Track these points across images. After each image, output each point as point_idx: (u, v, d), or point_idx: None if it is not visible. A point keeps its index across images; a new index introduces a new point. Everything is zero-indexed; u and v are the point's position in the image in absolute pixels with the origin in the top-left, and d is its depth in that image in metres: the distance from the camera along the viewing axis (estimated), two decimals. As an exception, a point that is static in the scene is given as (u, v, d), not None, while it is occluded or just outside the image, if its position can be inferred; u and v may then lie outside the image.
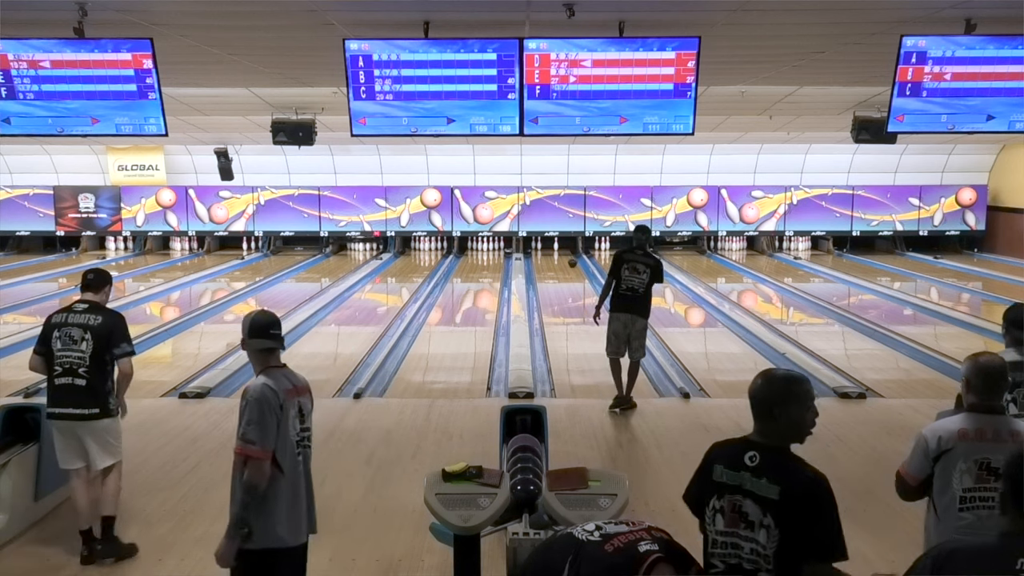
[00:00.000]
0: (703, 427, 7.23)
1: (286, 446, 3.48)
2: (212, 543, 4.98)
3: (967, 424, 3.23)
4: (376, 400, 8.27)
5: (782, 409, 2.69)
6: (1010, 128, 7.04)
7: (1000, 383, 3.29)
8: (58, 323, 4.90)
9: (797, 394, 2.70)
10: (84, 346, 4.82)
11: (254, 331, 3.59)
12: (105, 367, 4.88)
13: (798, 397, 2.70)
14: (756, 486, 2.62)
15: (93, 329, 4.84)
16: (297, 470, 3.53)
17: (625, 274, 7.63)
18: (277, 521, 3.44)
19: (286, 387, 3.52)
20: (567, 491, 3.78)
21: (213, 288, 16.79)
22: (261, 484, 3.36)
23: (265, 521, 3.41)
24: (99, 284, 5.04)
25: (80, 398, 4.81)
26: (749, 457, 2.69)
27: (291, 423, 3.50)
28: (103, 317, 4.91)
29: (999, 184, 20.30)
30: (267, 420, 3.40)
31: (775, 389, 2.74)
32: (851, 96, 11.01)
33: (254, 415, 3.40)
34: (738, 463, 2.70)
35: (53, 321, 4.94)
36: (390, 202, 20.73)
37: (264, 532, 3.40)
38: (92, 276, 5.07)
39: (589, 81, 6.77)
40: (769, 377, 2.81)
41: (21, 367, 9.52)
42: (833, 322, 12.94)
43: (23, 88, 6.85)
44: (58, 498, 5.48)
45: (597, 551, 2.34)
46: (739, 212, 20.79)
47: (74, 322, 4.87)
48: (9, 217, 20.85)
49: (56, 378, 4.88)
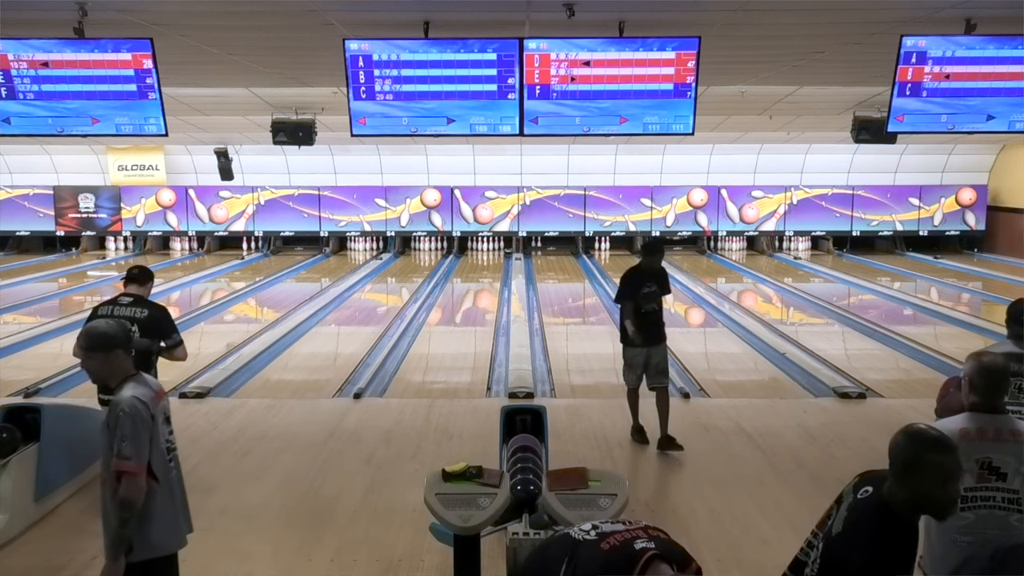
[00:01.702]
0: (703, 427, 7.24)
1: (159, 455, 3.36)
2: (212, 543, 5.02)
3: (969, 423, 3.24)
4: (376, 400, 8.27)
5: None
6: (1010, 128, 7.04)
7: (1002, 383, 3.30)
8: (104, 315, 5.13)
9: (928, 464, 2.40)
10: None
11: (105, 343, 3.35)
12: (150, 358, 5.13)
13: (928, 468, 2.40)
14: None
15: (140, 322, 5.13)
16: (170, 476, 3.42)
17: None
18: (158, 530, 3.34)
19: (150, 395, 3.37)
20: (567, 491, 3.78)
21: (213, 288, 16.79)
22: (138, 500, 3.23)
23: (147, 532, 3.30)
24: (144, 279, 5.35)
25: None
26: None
27: (160, 430, 3.38)
28: (148, 311, 5.20)
29: (999, 184, 20.30)
30: (140, 434, 3.25)
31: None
32: (851, 96, 11.01)
33: (127, 430, 3.22)
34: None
35: (100, 312, 5.20)
36: (390, 202, 20.73)
37: (147, 543, 3.30)
38: (137, 271, 5.38)
39: (589, 81, 6.77)
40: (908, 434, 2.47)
41: (21, 367, 9.56)
42: (833, 322, 12.94)
43: (23, 88, 6.85)
44: (58, 498, 5.48)
45: (593, 549, 2.33)
46: (739, 212, 20.79)
47: (120, 314, 5.10)
48: (9, 217, 20.85)
49: None
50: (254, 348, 10.43)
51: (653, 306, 6.77)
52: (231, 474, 6.16)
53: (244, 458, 6.49)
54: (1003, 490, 3.13)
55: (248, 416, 7.52)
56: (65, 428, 5.62)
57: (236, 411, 7.68)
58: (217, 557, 4.83)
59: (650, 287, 6.73)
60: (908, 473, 2.40)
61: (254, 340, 10.96)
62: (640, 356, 6.79)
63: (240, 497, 5.71)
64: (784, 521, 5.14)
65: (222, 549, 4.93)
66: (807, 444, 6.75)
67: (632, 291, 6.77)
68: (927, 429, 2.49)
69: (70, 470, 5.65)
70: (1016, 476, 3.12)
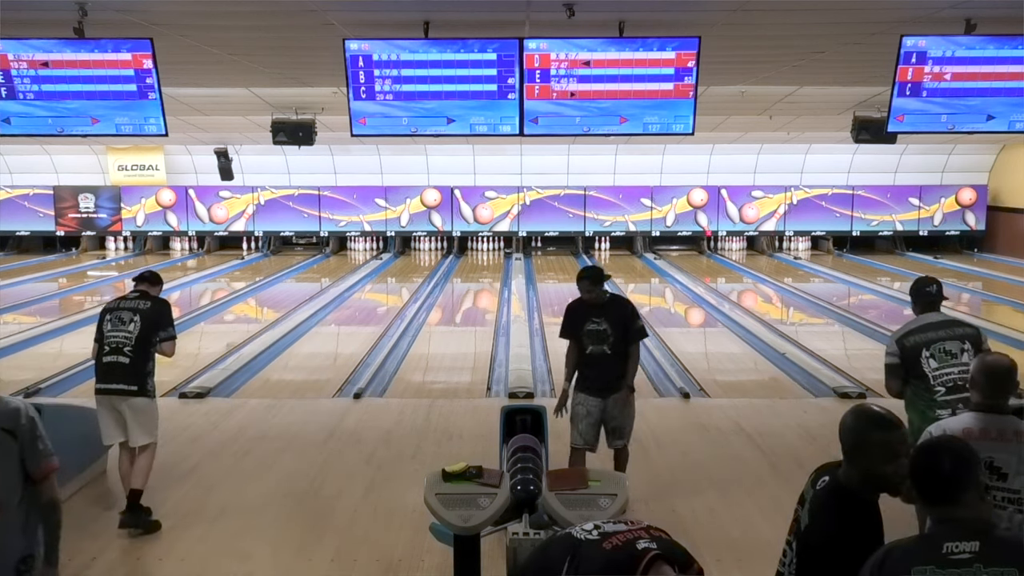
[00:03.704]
0: (703, 427, 7.24)
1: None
2: (212, 543, 5.03)
3: (972, 423, 3.26)
4: (376, 400, 8.27)
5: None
6: (1010, 128, 7.03)
7: (1005, 383, 3.32)
8: (110, 308, 5.42)
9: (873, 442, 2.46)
10: (132, 327, 5.28)
11: None
12: (148, 349, 5.32)
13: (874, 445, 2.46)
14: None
15: (142, 312, 5.33)
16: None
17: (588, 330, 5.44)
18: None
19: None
20: (567, 491, 3.78)
21: (213, 288, 16.79)
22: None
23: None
24: (154, 280, 5.59)
25: (123, 375, 5.25)
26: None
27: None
28: (152, 303, 5.41)
29: (999, 184, 20.30)
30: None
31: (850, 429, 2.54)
32: (851, 96, 11.01)
33: (42, 429, 3.00)
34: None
35: (107, 307, 5.46)
36: (390, 202, 20.73)
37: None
38: (149, 274, 5.63)
39: (589, 81, 6.77)
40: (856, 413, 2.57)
41: (21, 367, 9.56)
42: (833, 322, 12.94)
43: (23, 88, 6.85)
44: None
45: (595, 549, 2.33)
46: (739, 212, 20.79)
47: (125, 306, 5.38)
48: (9, 217, 20.85)
49: (103, 356, 5.31)
50: (254, 348, 10.43)
51: (602, 348, 5.37)
52: (231, 474, 6.16)
53: (244, 458, 6.49)
54: (1004, 490, 3.14)
55: (248, 416, 7.53)
56: (65, 428, 5.60)
57: (236, 411, 7.68)
58: (217, 557, 4.84)
59: (596, 324, 5.39)
60: (857, 452, 2.48)
61: (254, 340, 10.96)
62: (585, 407, 5.41)
63: (240, 497, 5.71)
64: (784, 521, 5.09)
65: (222, 549, 4.94)
66: (807, 444, 6.75)
67: (571, 327, 5.50)
68: (871, 407, 2.57)
69: (69, 470, 5.63)
70: (1017, 476, 3.13)
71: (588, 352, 5.43)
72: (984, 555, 2.14)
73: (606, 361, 5.39)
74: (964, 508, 2.24)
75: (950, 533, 2.19)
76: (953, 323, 4.77)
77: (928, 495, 2.29)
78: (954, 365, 4.49)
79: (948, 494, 2.25)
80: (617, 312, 5.47)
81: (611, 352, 5.39)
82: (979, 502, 2.29)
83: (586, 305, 5.47)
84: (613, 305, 5.50)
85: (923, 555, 2.19)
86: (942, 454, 2.32)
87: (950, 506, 2.25)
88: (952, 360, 4.50)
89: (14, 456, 2.89)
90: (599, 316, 5.40)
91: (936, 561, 2.15)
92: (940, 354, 4.54)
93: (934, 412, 4.37)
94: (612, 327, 5.39)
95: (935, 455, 2.34)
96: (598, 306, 5.44)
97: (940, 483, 2.26)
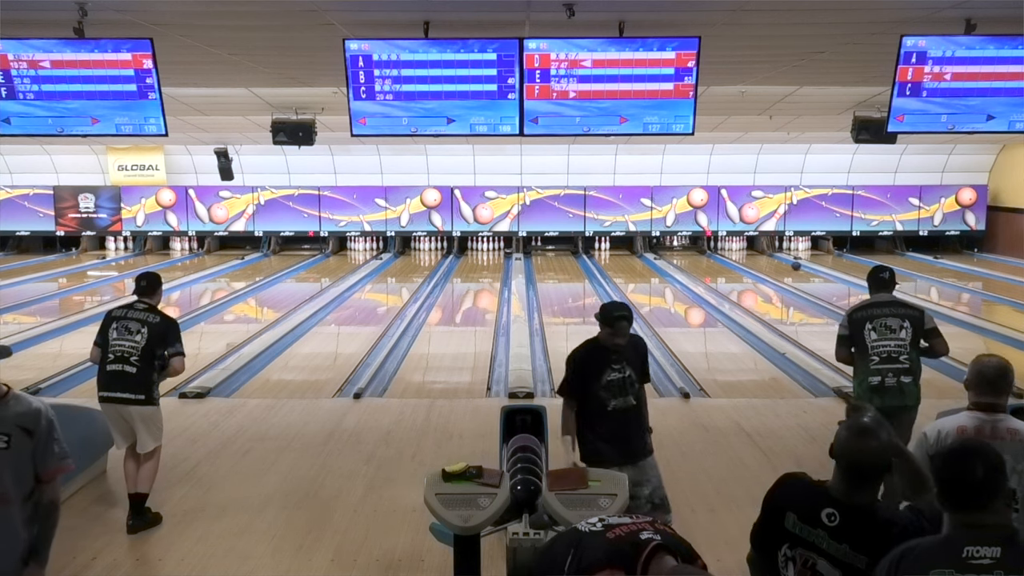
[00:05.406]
0: (703, 427, 7.24)
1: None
2: (212, 543, 5.03)
3: (967, 421, 3.34)
4: (376, 400, 8.27)
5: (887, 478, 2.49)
6: (1010, 128, 7.03)
7: (1000, 383, 3.38)
8: (117, 316, 5.45)
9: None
10: (139, 338, 5.35)
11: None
12: (153, 360, 5.37)
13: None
14: (835, 550, 2.43)
15: (151, 326, 5.39)
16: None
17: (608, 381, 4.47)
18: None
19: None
20: (567, 491, 3.78)
21: (213, 288, 16.79)
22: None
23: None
24: (152, 288, 5.59)
25: (130, 384, 5.31)
26: (827, 515, 2.47)
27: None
28: (161, 319, 5.46)
29: (999, 184, 20.30)
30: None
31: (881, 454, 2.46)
32: (851, 96, 11.01)
33: (59, 432, 3.11)
34: (815, 518, 2.49)
35: (113, 314, 5.49)
36: (390, 202, 20.73)
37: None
38: (145, 283, 5.61)
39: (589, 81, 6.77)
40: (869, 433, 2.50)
41: (21, 367, 9.55)
42: (833, 322, 12.89)
43: (23, 88, 6.84)
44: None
45: (598, 539, 2.35)
46: (739, 212, 20.79)
47: (133, 317, 5.42)
48: (9, 217, 20.85)
49: (108, 364, 5.36)
50: (254, 348, 10.43)
51: (628, 400, 4.45)
52: (231, 474, 6.16)
53: (244, 458, 6.50)
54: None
55: (248, 416, 7.53)
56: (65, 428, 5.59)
57: (236, 411, 7.68)
58: (217, 557, 4.84)
59: (618, 372, 4.44)
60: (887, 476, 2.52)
61: (254, 340, 10.97)
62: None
63: (240, 497, 5.71)
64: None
65: (222, 549, 4.94)
66: (807, 444, 6.75)
67: (583, 383, 4.45)
68: (862, 420, 2.61)
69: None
70: (1012, 475, 3.14)
71: (610, 409, 4.43)
72: (1005, 562, 2.11)
73: (631, 415, 4.46)
74: (991, 514, 2.21)
75: (972, 537, 2.17)
76: (898, 303, 5.41)
77: (957, 501, 2.24)
78: (891, 339, 5.21)
79: (978, 500, 2.21)
80: (636, 352, 4.61)
81: (636, 403, 4.50)
82: (1005, 509, 2.26)
83: (602, 350, 4.48)
84: (630, 344, 4.55)
85: (942, 558, 2.16)
86: (975, 460, 2.26)
87: (979, 512, 2.21)
88: (890, 335, 5.22)
89: (28, 454, 3.00)
90: (619, 362, 4.45)
91: (956, 565, 2.13)
92: (881, 328, 5.26)
93: (868, 378, 5.21)
94: (634, 371, 4.51)
95: (968, 461, 2.27)
96: (616, 350, 4.48)
97: (972, 489, 2.22)
